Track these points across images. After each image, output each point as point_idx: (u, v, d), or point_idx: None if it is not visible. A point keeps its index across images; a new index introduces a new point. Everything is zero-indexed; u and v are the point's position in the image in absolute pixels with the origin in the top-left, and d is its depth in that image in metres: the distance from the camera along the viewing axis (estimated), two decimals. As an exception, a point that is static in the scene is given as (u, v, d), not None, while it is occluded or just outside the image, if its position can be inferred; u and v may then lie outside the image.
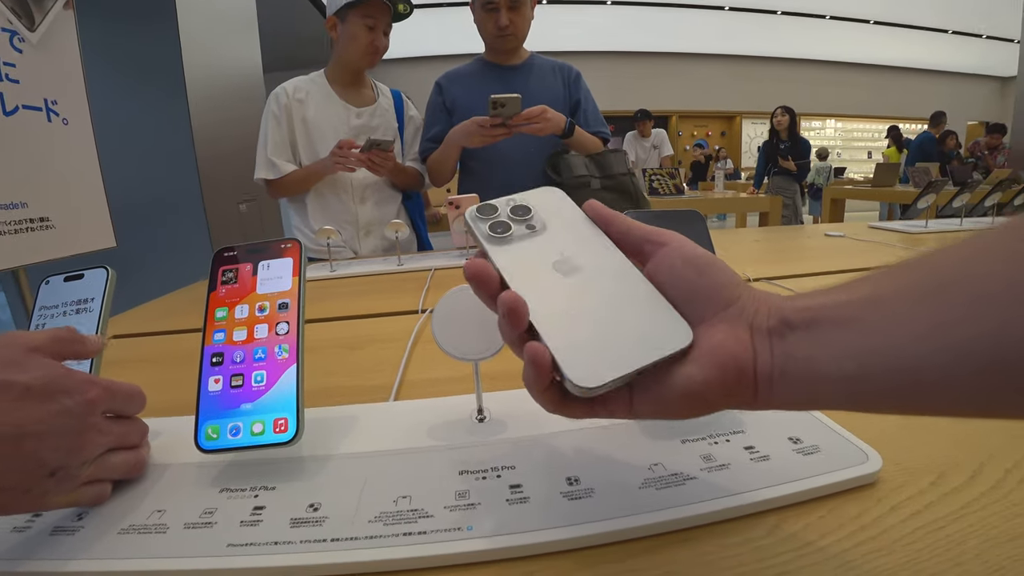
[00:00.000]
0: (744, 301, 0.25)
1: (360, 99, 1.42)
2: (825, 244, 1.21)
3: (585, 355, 0.24)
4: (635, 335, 0.25)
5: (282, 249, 0.40)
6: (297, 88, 1.36)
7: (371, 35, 1.32)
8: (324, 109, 1.37)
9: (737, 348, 0.23)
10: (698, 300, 0.25)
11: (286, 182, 1.34)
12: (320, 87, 1.39)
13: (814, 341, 0.22)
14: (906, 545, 0.27)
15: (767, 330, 0.23)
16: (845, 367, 0.21)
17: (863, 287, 0.22)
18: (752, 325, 0.24)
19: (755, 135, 9.70)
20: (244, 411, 0.35)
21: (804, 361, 0.22)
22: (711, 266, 0.26)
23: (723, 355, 0.23)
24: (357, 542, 0.28)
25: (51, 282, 0.44)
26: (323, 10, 5.61)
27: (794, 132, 4.35)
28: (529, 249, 0.28)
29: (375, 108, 1.43)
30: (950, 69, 10.33)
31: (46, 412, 0.28)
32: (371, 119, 1.42)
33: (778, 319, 0.23)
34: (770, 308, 0.24)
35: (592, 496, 0.30)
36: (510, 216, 0.29)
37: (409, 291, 0.90)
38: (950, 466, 0.33)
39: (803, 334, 0.22)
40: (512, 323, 0.25)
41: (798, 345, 0.22)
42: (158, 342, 0.73)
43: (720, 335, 0.24)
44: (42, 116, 1.24)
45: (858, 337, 0.21)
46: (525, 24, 1.37)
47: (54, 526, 0.31)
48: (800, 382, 0.22)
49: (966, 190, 1.38)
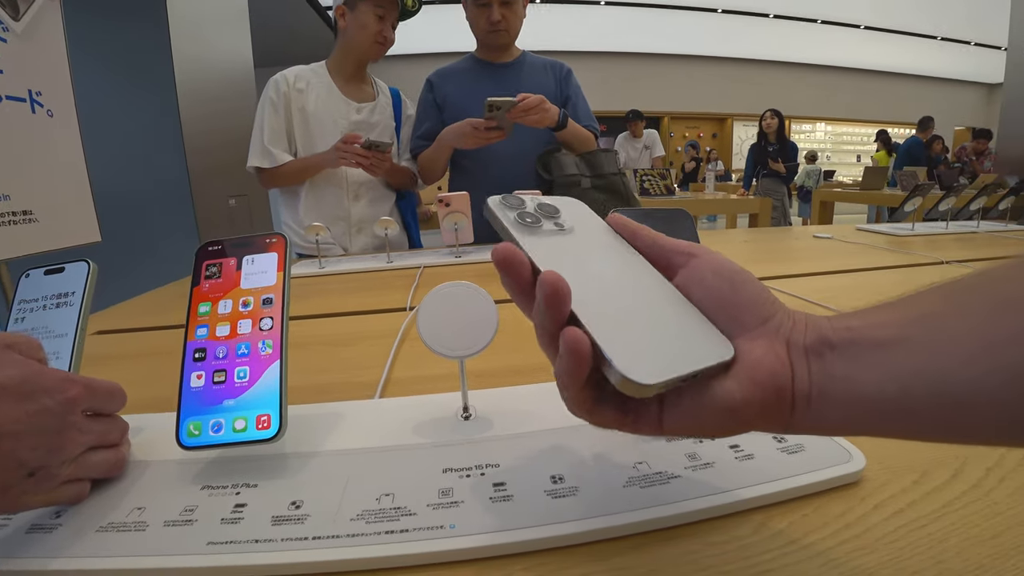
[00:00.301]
0: (780, 317, 0.24)
1: (361, 95, 1.41)
2: (814, 245, 1.22)
3: (635, 352, 0.22)
4: (680, 340, 0.23)
5: (267, 244, 0.39)
6: (298, 77, 1.33)
7: (380, 25, 1.31)
8: (324, 101, 1.35)
9: (776, 365, 0.22)
10: (732, 315, 0.24)
11: (281, 172, 1.32)
12: (321, 78, 1.36)
13: (854, 361, 0.21)
14: (889, 543, 0.27)
15: (804, 348, 0.22)
16: (887, 389, 0.20)
17: (908, 306, 0.21)
18: (789, 342, 0.23)
19: (746, 137, 9.75)
20: (226, 407, 0.34)
21: (843, 381, 0.21)
22: (745, 281, 0.25)
23: (762, 373, 0.22)
24: (339, 540, 0.27)
25: (31, 275, 0.43)
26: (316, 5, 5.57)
27: (782, 135, 4.40)
28: (560, 245, 0.26)
29: (375, 105, 1.42)
30: (939, 75, 10.45)
31: (24, 411, 0.28)
32: (371, 115, 1.41)
33: (816, 337, 0.22)
34: (807, 325, 0.23)
35: (576, 494, 0.30)
36: (538, 211, 0.28)
37: (398, 288, 0.90)
38: (932, 465, 0.33)
39: (843, 353, 0.21)
40: (553, 306, 0.22)
41: (837, 364, 0.21)
42: (142, 338, 0.72)
43: (759, 351, 0.23)
44: (26, 107, 1.23)
45: (901, 358, 0.20)
46: (517, 20, 1.37)
47: (31, 524, 0.30)
48: (838, 404, 0.21)
49: (952, 194, 1.39)
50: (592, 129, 1.40)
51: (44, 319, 0.41)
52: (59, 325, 0.40)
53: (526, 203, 0.28)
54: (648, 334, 0.23)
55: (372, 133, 1.39)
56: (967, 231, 1.38)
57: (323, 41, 6.31)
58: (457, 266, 1.09)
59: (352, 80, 1.40)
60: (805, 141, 10.27)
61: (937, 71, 10.30)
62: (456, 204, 1.06)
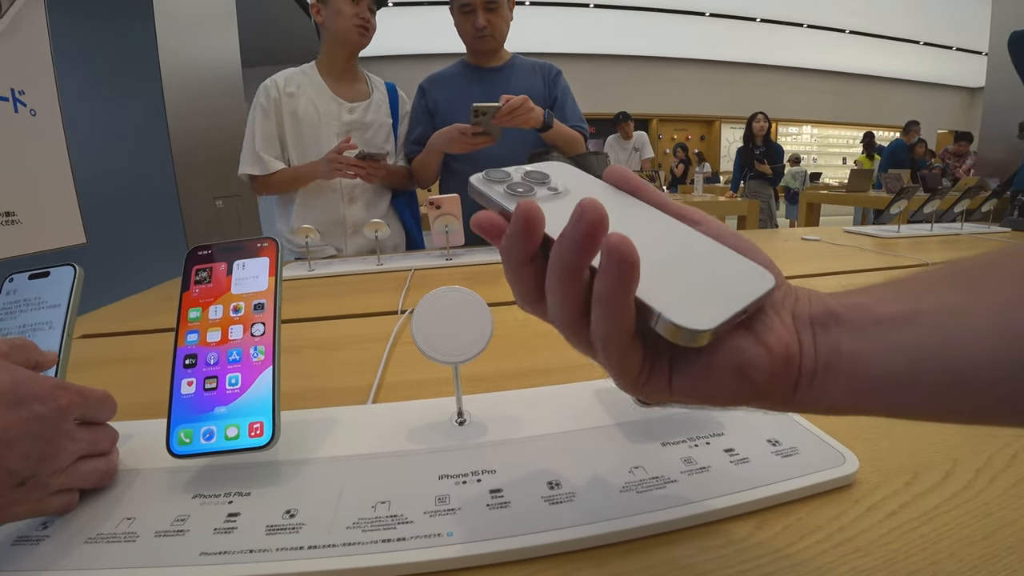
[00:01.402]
0: (785, 288, 0.23)
1: (353, 93, 1.38)
2: (802, 247, 1.23)
3: (681, 299, 0.20)
4: (721, 279, 0.22)
5: (258, 248, 0.39)
6: (288, 80, 1.31)
7: (355, 8, 1.27)
8: (315, 103, 1.32)
9: (784, 333, 0.22)
10: None
11: (273, 180, 1.31)
12: (311, 79, 1.34)
13: (862, 335, 0.20)
14: (883, 545, 0.27)
15: (810, 319, 0.22)
16: (894, 365, 0.19)
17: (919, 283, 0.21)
18: (794, 313, 0.22)
19: (734, 139, 9.82)
20: (218, 415, 0.34)
21: (849, 357, 0.20)
22: (750, 249, 0.24)
23: (773, 338, 0.21)
24: (335, 549, 0.27)
25: (15, 279, 0.42)
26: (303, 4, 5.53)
27: (768, 137, 4.46)
28: (562, 209, 0.22)
29: (369, 103, 1.39)
30: (921, 79, 10.61)
31: (17, 418, 0.27)
32: (364, 115, 1.38)
33: (822, 309, 0.22)
34: (811, 299, 0.23)
35: (573, 500, 0.30)
36: (526, 179, 0.26)
37: (388, 291, 0.89)
38: (923, 467, 0.34)
39: (850, 327, 0.21)
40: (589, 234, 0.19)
41: (844, 339, 0.21)
42: (129, 342, 0.71)
43: (768, 318, 0.22)
44: (8, 107, 1.20)
45: (911, 334, 0.19)
46: (503, 24, 1.37)
47: (17, 536, 0.29)
48: (843, 379, 0.21)
49: (936, 197, 1.41)
50: (580, 130, 1.40)
51: (29, 324, 0.40)
52: (44, 330, 0.40)
53: (511, 175, 0.26)
54: (688, 279, 0.22)
55: (367, 133, 1.37)
56: (951, 233, 1.40)
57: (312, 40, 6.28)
58: (448, 269, 1.08)
59: (343, 78, 1.37)
60: (792, 144, 10.38)
61: (920, 75, 10.46)
62: (447, 207, 1.06)
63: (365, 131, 1.38)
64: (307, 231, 1.05)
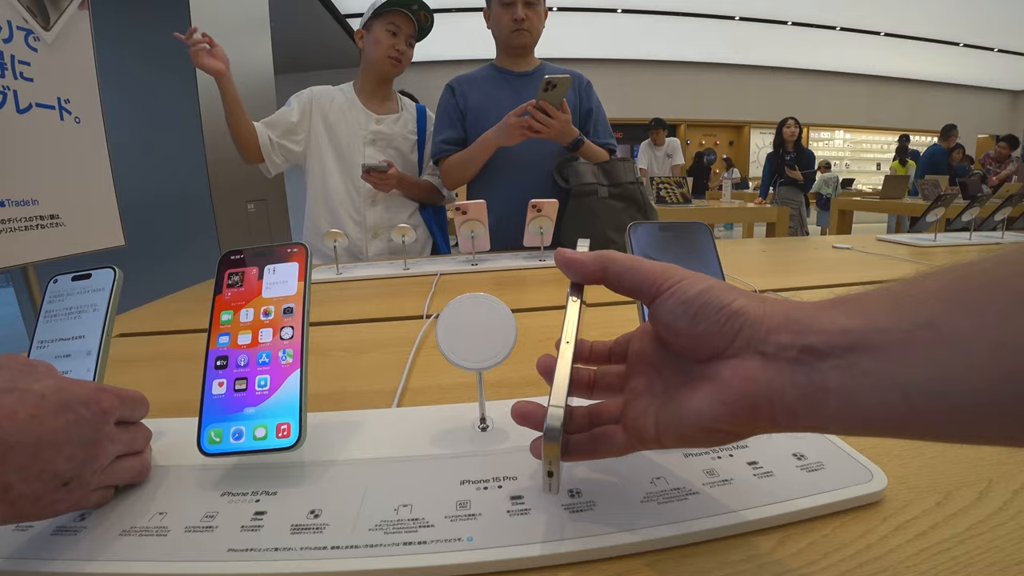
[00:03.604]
0: (747, 332, 0.23)
1: (383, 109, 1.47)
2: (832, 256, 1.20)
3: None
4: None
5: (288, 253, 0.40)
6: (326, 91, 1.44)
7: (392, 40, 1.37)
8: (346, 112, 1.42)
9: (744, 386, 0.22)
10: (700, 348, 0.25)
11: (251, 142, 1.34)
12: (347, 94, 1.45)
13: (851, 371, 0.20)
14: (912, 567, 0.27)
15: (786, 360, 0.21)
16: (889, 399, 0.19)
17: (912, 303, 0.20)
18: (764, 353, 0.22)
19: (763, 145, 9.67)
20: (247, 415, 0.35)
21: (837, 394, 0.20)
22: (704, 305, 0.24)
23: (730, 394, 0.22)
24: (357, 550, 0.28)
25: (59, 280, 0.44)
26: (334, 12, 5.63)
27: (799, 143, 4.38)
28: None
29: (397, 118, 1.47)
30: (961, 82, 10.29)
31: (64, 422, 0.28)
32: (391, 127, 1.46)
33: (801, 348, 0.21)
34: (788, 331, 0.22)
35: (593, 509, 0.30)
36: None
37: (414, 296, 0.90)
38: (955, 486, 0.33)
39: (836, 362, 0.20)
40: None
41: (830, 376, 0.20)
42: (163, 341, 0.74)
43: (727, 372, 0.23)
44: (55, 114, 1.26)
45: (905, 365, 0.19)
46: (539, 22, 1.39)
47: (56, 526, 0.31)
48: (832, 415, 0.20)
49: (976, 204, 1.37)
50: (609, 147, 1.40)
51: (71, 323, 0.42)
52: (85, 330, 0.41)
53: None
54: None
55: (392, 143, 1.45)
56: (992, 242, 1.35)
57: (342, 50, 6.39)
58: (473, 274, 1.09)
59: (375, 96, 1.46)
60: (823, 149, 10.16)
61: (959, 78, 10.14)
62: (473, 212, 1.07)
63: (391, 141, 1.45)
64: (335, 235, 1.07)
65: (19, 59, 1.15)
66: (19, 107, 1.14)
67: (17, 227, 1.13)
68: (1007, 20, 7.71)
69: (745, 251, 1.36)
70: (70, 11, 1.29)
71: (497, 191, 1.35)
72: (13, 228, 1.12)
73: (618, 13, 7.82)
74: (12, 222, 1.11)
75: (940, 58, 9.33)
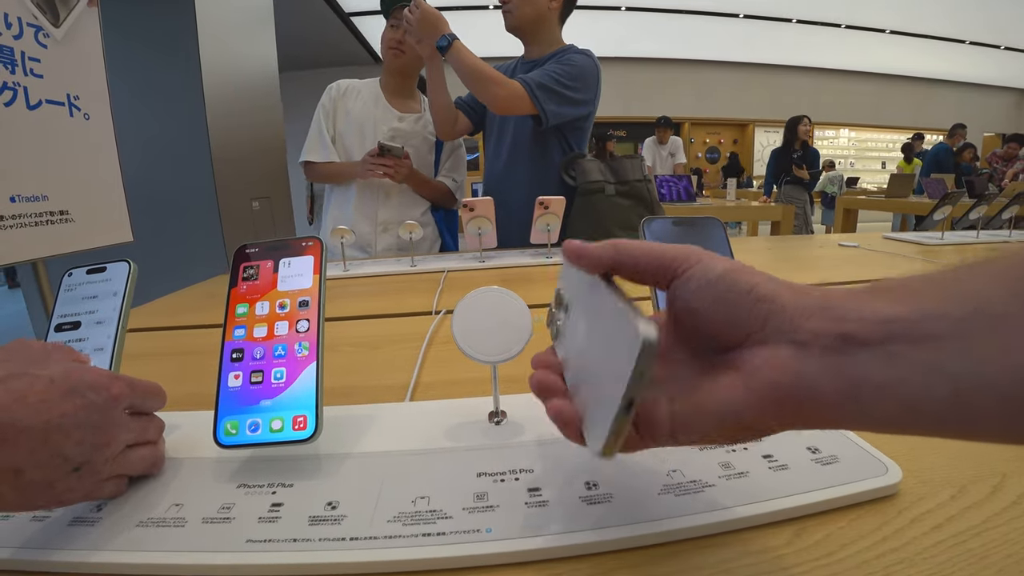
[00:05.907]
0: (778, 319, 0.21)
1: (405, 108, 1.50)
2: (839, 254, 1.20)
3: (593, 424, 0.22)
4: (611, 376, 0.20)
5: (303, 247, 0.40)
6: (351, 86, 1.49)
7: (392, 32, 1.42)
8: (369, 107, 1.46)
9: (774, 375, 0.21)
10: (725, 334, 0.23)
11: (320, 169, 1.45)
12: (371, 88, 1.50)
13: (895, 362, 0.18)
14: (927, 559, 0.27)
15: (822, 349, 0.20)
16: (937, 393, 0.17)
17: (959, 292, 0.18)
18: (796, 342, 0.21)
19: (767, 143, 9.62)
20: (263, 408, 0.35)
21: (879, 388, 0.18)
22: (730, 289, 0.23)
23: (759, 382, 0.21)
24: (376, 542, 0.28)
25: (74, 274, 0.44)
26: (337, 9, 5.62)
27: (805, 141, 4.37)
28: (566, 334, 0.29)
29: (418, 118, 1.50)
30: (966, 80, 10.23)
31: (72, 406, 0.28)
32: (412, 126, 1.49)
33: (837, 335, 0.20)
34: (824, 317, 0.20)
35: (611, 501, 0.30)
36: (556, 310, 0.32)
37: (422, 292, 0.91)
38: (969, 480, 0.33)
39: (879, 352, 0.19)
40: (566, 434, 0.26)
41: (872, 367, 0.19)
42: (173, 336, 0.74)
43: (757, 360, 0.21)
44: (64, 111, 1.26)
45: (955, 358, 0.17)
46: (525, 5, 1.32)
47: (73, 517, 0.31)
48: (874, 409, 0.19)
49: (983, 202, 1.36)
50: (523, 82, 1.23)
51: (86, 317, 0.42)
52: (100, 322, 0.42)
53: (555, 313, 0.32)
54: (593, 400, 0.23)
55: (412, 141, 1.47)
56: (999, 240, 1.34)
57: (345, 48, 6.39)
58: (481, 271, 1.09)
59: (398, 95, 1.50)
60: (828, 148, 10.11)
61: (965, 76, 10.08)
62: (480, 209, 1.07)
63: (408, 139, 1.46)
64: (342, 232, 1.07)
65: (29, 55, 1.15)
66: (29, 103, 1.15)
67: (27, 223, 1.13)
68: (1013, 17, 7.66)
69: (751, 249, 1.36)
70: (79, 8, 1.29)
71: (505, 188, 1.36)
72: (23, 224, 1.12)
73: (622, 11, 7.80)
74: (22, 217, 1.12)
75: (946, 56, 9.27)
